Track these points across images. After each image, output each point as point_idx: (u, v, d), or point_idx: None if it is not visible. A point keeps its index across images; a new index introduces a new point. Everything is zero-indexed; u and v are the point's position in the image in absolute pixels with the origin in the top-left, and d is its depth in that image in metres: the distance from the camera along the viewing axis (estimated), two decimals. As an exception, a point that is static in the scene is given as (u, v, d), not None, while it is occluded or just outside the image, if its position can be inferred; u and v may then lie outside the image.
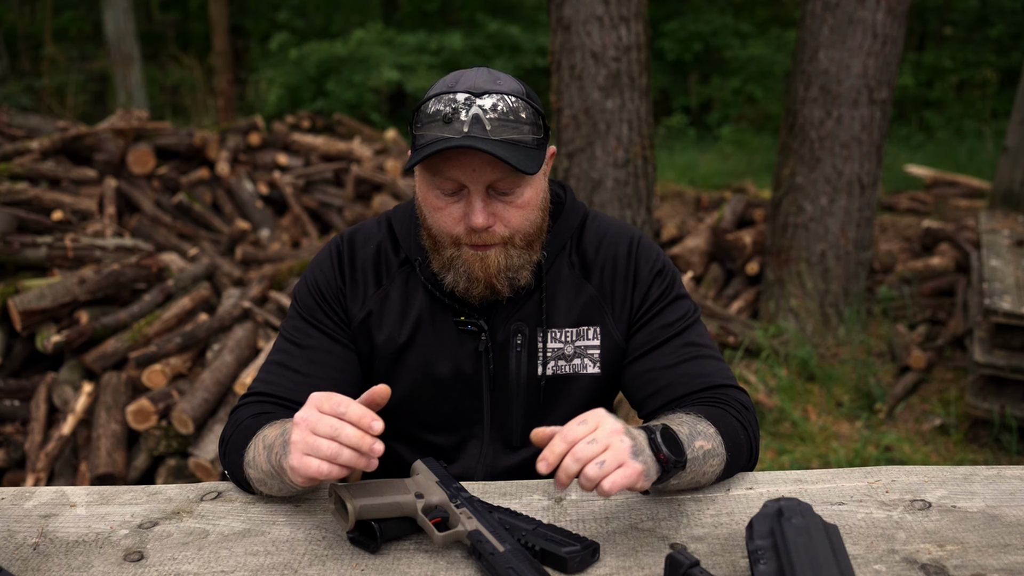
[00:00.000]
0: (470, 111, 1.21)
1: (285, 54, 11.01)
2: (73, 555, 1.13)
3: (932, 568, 1.05)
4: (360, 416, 1.04)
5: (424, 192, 1.31)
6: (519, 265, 1.33)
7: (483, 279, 1.31)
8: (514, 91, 1.25)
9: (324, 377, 1.37)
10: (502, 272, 1.31)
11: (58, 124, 5.37)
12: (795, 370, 4.23)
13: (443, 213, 1.29)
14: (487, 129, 1.21)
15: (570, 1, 4.06)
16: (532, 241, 1.34)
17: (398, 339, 1.41)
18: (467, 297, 1.35)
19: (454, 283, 1.33)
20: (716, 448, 1.22)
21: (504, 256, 1.31)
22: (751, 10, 13.01)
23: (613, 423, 1.07)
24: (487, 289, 1.32)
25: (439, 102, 1.24)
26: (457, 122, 1.21)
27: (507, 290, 1.34)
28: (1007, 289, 3.67)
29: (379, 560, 1.11)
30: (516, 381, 1.41)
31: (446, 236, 1.31)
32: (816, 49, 4.38)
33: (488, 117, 1.21)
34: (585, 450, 1.03)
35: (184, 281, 3.79)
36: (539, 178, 1.32)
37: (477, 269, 1.30)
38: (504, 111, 1.22)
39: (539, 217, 1.33)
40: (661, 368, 1.37)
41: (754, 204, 5.75)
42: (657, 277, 1.42)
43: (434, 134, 1.22)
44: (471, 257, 1.30)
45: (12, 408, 3.21)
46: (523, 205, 1.29)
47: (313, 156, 6.25)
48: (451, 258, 1.32)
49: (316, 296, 1.42)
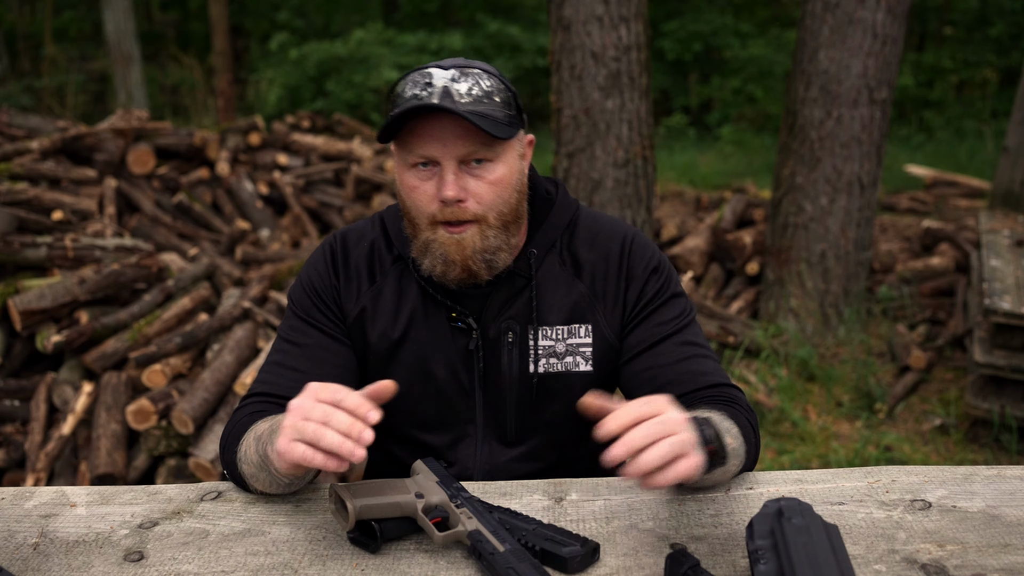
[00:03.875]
0: (440, 84, 1.24)
1: (285, 54, 11.01)
2: (73, 555, 1.13)
3: (932, 568, 1.05)
4: (356, 405, 1.03)
5: (400, 174, 1.33)
6: (495, 247, 1.32)
7: (459, 261, 1.31)
8: (487, 71, 1.29)
9: (323, 374, 1.37)
10: (478, 253, 1.31)
11: (58, 124, 5.37)
12: (795, 370, 4.23)
13: (417, 192, 1.30)
14: (456, 100, 1.24)
15: (570, 1, 4.06)
16: (508, 222, 1.33)
17: (391, 336, 1.41)
18: (445, 281, 1.35)
19: (431, 267, 1.33)
20: (739, 448, 1.22)
21: (480, 236, 1.30)
22: (751, 10, 13.00)
23: (678, 411, 1.04)
24: (464, 272, 1.32)
25: (408, 81, 1.27)
26: (427, 94, 1.24)
27: (485, 272, 1.33)
28: (1007, 289, 3.67)
29: (379, 560, 1.11)
30: (508, 378, 1.41)
31: (422, 216, 1.31)
32: (816, 49, 4.38)
33: (457, 88, 1.24)
34: (655, 428, 0.99)
35: (184, 281, 3.79)
36: (513, 158, 1.33)
37: (453, 252, 1.30)
38: (473, 86, 1.26)
39: (514, 198, 1.34)
40: (661, 366, 1.37)
41: (754, 204, 5.75)
42: (653, 274, 1.42)
43: (401, 108, 1.24)
44: (447, 240, 1.30)
45: (12, 408, 3.21)
46: (496, 182, 1.30)
47: (313, 156, 6.25)
48: (427, 242, 1.32)
49: (311, 295, 1.43)
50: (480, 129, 1.23)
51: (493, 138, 1.26)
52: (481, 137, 1.26)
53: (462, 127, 1.25)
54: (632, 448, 0.98)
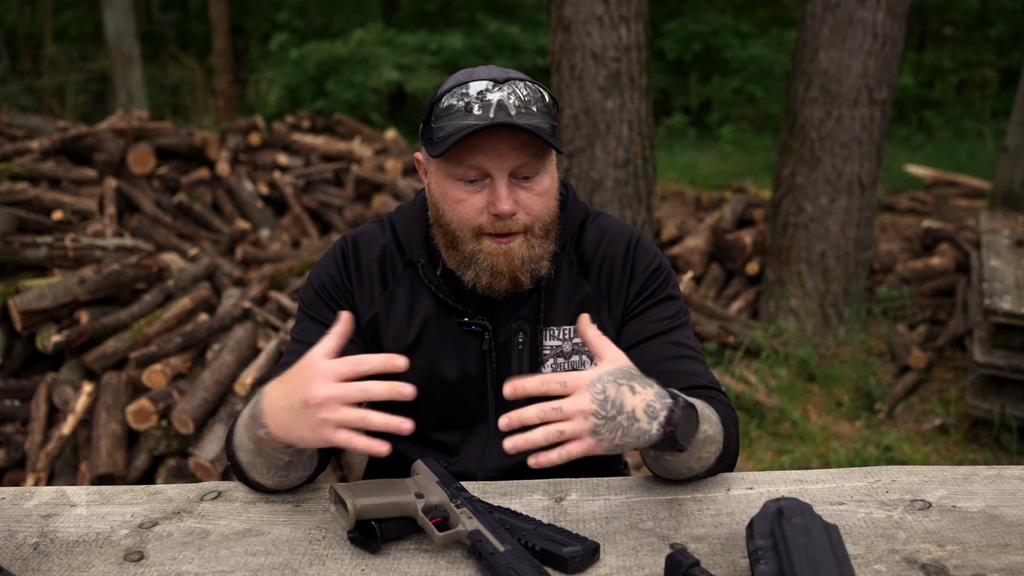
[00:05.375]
0: (495, 96, 1.23)
1: (285, 54, 11.01)
2: (73, 555, 1.14)
3: (932, 568, 1.05)
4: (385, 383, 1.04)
5: (443, 186, 1.31)
6: (540, 256, 1.33)
7: (507, 272, 1.30)
8: (529, 81, 1.28)
9: None
10: (526, 264, 1.31)
11: (58, 124, 5.37)
12: (795, 370, 4.23)
13: (465, 205, 1.29)
14: (512, 113, 1.22)
15: (570, 1, 4.06)
16: (549, 231, 1.34)
17: (404, 341, 1.41)
18: (490, 292, 1.34)
19: (476, 279, 1.32)
20: (715, 436, 1.22)
21: (527, 247, 1.31)
22: (751, 10, 13.01)
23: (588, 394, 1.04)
24: (511, 282, 1.32)
25: (455, 95, 1.25)
26: (481, 108, 1.22)
27: (528, 282, 1.34)
28: (1007, 289, 3.67)
29: (379, 560, 1.11)
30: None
31: (467, 229, 1.30)
32: (816, 49, 4.38)
33: (511, 102, 1.23)
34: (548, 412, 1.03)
35: (184, 281, 3.79)
36: (553, 167, 1.34)
37: (501, 263, 1.30)
38: (525, 96, 1.24)
39: (555, 207, 1.35)
40: (649, 362, 1.38)
41: (754, 204, 5.75)
42: (653, 273, 1.44)
43: (456, 123, 1.23)
44: (494, 251, 1.29)
45: (12, 408, 3.21)
46: (543, 193, 1.30)
47: (313, 156, 6.25)
48: (472, 253, 1.31)
49: (322, 295, 1.43)
50: (538, 141, 1.23)
51: (543, 147, 1.26)
52: (534, 149, 1.26)
53: (517, 140, 1.24)
54: (522, 421, 1.03)
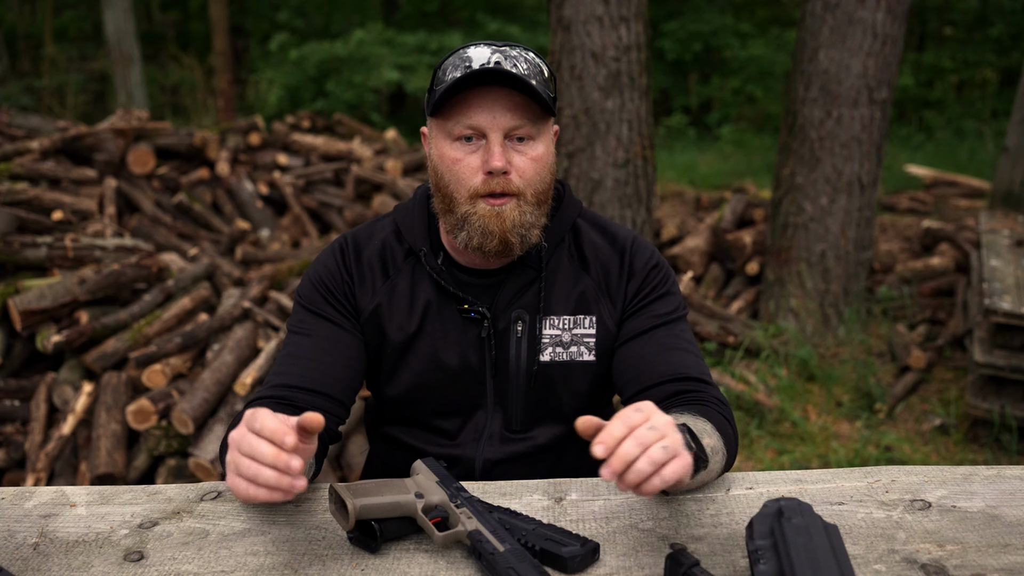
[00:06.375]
0: (493, 57, 1.27)
1: (285, 54, 11.00)
2: (73, 555, 1.13)
3: (932, 568, 1.05)
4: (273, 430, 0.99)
5: (441, 147, 1.34)
6: (531, 222, 1.35)
7: (498, 233, 1.32)
8: (530, 51, 1.32)
9: (333, 363, 1.40)
10: (516, 227, 1.33)
11: (58, 124, 5.37)
12: (795, 370, 4.23)
13: (460, 165, 1.32)
14: (507, 68, 1.26)
15: (570, 1, 4.06)
16: (541, 201, 1.37)
17: (408, 329, 1.44)
18: (481, 252, 1.36)
19: (467, 239, 1.34)
20: (717, 444, 1.23)
21: (518, 211, 1.33)
22: (751, 10, 13.01)
23: (665, 415, 1.04)
24: (501, 244, 1.34)
25: (455, 58, 1.30)
26: (480, 66, 1.26)
27: (519, 247, 1.36)
28: (1007, 289, 3.67)
29: (379, 560, 1.11)
30: (516, 368, 1.44)
31: (462, 189, 1.33)
32: (816, 49, 4.38)
33: (508, 65, 1.27)
34: (646, 435, 0.99)
35: (184, 281, 3.79)
36: (549, 139, 1.36)
37: (492, 223, 1.32)
38: (524, 62, 1.29)
39: (548, 178, 1.37)
40: (645, 354, 1.41)
41: (754, 204, 5.74)
42: (652, 271, 1.47)
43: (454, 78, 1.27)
44: (486, 212, 1.32)
45: (12, 408, 3.21)
46: (537, 159, 1.33)
47: (313, 156, 6.25)
48: (465, 215, 1.33)
49: (321, 289, 1.45)
50: (533, 105, 1.27)
51: (538, 113, 1.30)
52: (528, 113, 1.30)
53: (511, 100, 1.28)
54: (627, 461, 0.97)
